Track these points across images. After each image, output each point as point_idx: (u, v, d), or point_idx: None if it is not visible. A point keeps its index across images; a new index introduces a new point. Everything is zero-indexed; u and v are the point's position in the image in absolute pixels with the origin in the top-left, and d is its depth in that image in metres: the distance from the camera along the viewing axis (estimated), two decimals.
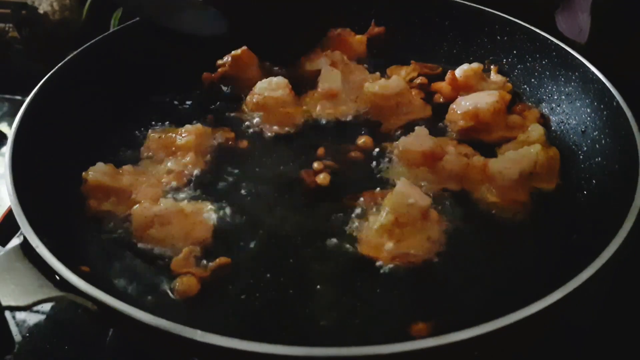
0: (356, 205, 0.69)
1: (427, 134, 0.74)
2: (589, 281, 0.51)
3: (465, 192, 0.71)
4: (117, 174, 0.71)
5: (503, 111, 0.80)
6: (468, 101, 0.80)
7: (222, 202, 0.69)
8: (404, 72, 0.90)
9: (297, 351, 0.46)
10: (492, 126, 0.79)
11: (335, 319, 0.58)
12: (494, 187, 0.70)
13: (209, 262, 0.62)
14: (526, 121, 0.81)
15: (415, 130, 0.75)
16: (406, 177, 0.70)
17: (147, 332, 0.49)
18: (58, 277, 0.52)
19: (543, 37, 0.85)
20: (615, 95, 0.72)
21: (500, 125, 0.79)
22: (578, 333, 0.66)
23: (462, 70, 0.86)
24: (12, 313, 0.66)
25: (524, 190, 0.70)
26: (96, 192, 0.69)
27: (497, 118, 0.79)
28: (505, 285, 0.61)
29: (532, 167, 0.70)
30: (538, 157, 0.70)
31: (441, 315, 0.57)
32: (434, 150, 0.72)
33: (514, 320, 0.47)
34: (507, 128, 0.80)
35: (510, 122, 0.80)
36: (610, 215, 0.61)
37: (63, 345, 0.65)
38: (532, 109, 0.84)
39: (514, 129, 0.79)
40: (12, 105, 1.03)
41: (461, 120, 0.79)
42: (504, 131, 0.79)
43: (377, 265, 0.62)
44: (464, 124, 0.79)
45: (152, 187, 0.71)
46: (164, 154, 0.76)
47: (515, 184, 0.69)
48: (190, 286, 0.60)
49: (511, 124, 0.80)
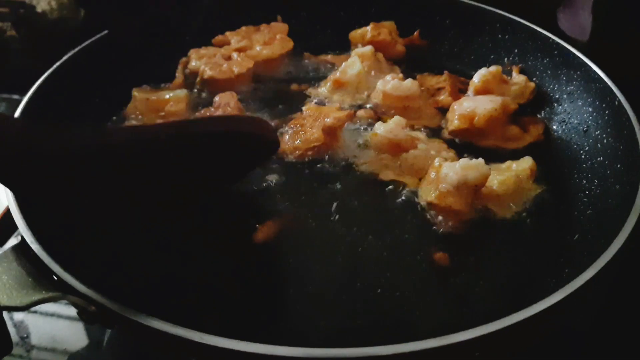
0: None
1: (403, 124, 0.75)
2: (591, 282, 0.51)
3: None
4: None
5: (501, 120, 0.79)
6: (469, 103, 0.80)
7: None
8: (434, 81, 0.89)
9: (296, 352, 0.45)
10: (486, 133, 0.78)
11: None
12: (439, 188, 0.67)
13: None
14: (526, 135, 0.80)
15: (393, 118, 0.76)
16: (372, 160, 0.73)
17: (145, 332, 0.49)
18: (55, 278, 0.52)
19: (544, 35, 0.85)
20: (617, 95, 0.72)
21: (495, 133, 0.79)
22: (578, 333, 0.65)
23: (480, 75, 0.85)
24: (10, 314, 0.66)
25: (464, 201, 0.66)
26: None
27: (493, 126, 0.78)
28: (505, 286, 0.61)
29: (476, 181, 0.66)
30: (484, 175, 0.66)
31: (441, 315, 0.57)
32: (400, 141, 0.73)
33: (515, 321, 0.47)
34: (502, 138, 0.79)
35: (507, 133, 0.79)
36: (612, 216, 0.61)
37: (61, 346, 0.65)
38: (538, 124, 0.82)
39: (509, 141, 0.79)
40: (10, 104, 1.03)
41: (456, 120, 0.79)
42: (499, 141, 0.79)
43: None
44: (457, 125, 0.79)
45: None
46: (154, 117, 0.79)
47: (455, 190, 0.66)
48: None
49: (508, 135, 0.79)
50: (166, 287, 0.60)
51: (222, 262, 0.63)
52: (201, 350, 0.47)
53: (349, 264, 0.63)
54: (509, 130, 0.79)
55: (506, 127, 0.80)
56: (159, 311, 0.49)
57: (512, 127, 0.80)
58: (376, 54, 0.89)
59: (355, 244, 0.64)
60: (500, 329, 0.47)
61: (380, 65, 0.90)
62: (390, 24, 0.96)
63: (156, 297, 0.59)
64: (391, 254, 0.64)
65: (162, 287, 0.60)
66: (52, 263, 0.52)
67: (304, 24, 0.97)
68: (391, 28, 0.95)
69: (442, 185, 0.67)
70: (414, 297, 0.60)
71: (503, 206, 0.69)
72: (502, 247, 0.65)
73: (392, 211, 0.69)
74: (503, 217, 0.68)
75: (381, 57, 0.90)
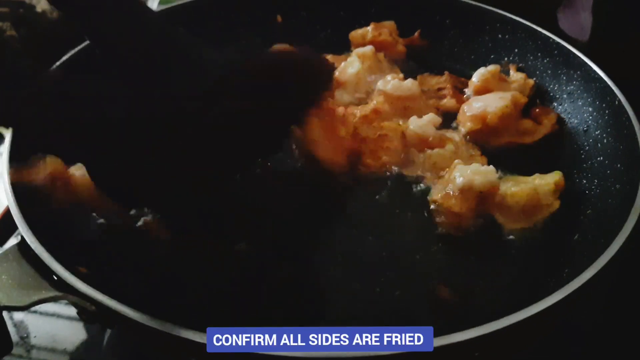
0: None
1: (436, 122, 0.75)
2: (591, 282, 0.51)
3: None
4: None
5: (513, 115, 0.78)
6: (479, 103, 0.79)
7: None
8: (434, 81, 0.88)
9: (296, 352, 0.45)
10: (501, 130, 0.77)
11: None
12: (447, 189, 0.67)
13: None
14: (540, 128, 0.79)
15: (427, 114, 0.76)
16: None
17: (145, 332, 0.49)
18: (56, 278, 0.52)
19: (544, 35, 0.85)
20: (617, 94, 0.72)
21: (510, 129, 0.78)
22: (578, 333, 0.65)
23: (479, 75, 0.84)
24: (10, 313, 0.66)
25: (466, 205, 0.65)
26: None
27: (506, 122, 0.77)
28: (505, 286, 0.61)
29: (481, 187, 0.65)
30: (491, 182, 0.65)
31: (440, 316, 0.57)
32: (428, 138, 0.73)
33: (515, 321, 0.47)
34: (517, 133, 0.78)
35: (521, 127, 0.78)
36: (612, 215, 0.61)
37: (61, 346, 0.65)
38: (550, 114, 0.81)
39: (525, 135, 0.78)
40: None
41: (469, 122, 0.78)
42: (514, 136, 0.78)
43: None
44: (471, 127, 0.78)
45: None
46: None
47: (460, 193, 0.65)
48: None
49: (522, 129, 0.78)
50: (166, 287, 0.60)
51: (222, 262, 0.63)
52: (201, 350, 0.47)
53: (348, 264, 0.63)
54: (522, 125, 0.79)
55: (519, 121, 0.79)
56: (159, 311, 0.49)
57: (526, 121, 0.79)
58: (377, 54, 0.89)
59: (355, 243, 0.65)
60: (500, 328, 0.47)
61: (381, 65, 0.89)
62: (391, 24, 0.95)
63: (156, 297, 0.60)
64: (390, 253, 0.64)
65: (163, 287, 0.60)
66: (52, 262, 0.52)
67: (304, 24, 0.97)
68: (391, 28, 0.95)
69: (450, 186, 0.67)
70: (413, 297, 0.60)
71: (512, 218, 0.66)
72: (501, 247, 0.65)
73: (394, 209, 0.69)
74: (509, 229, 0.66)
75: (382, 57, 0.90)
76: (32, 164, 0.63)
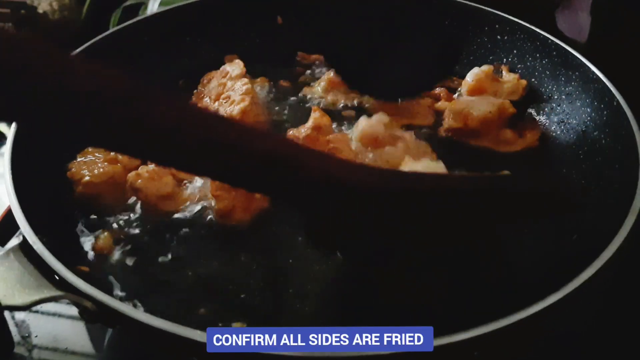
0: None
1: (385, 120, 0.75)
2: (589, 282, 0.51)
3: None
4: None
5: (495, 123, 0.79)
6: (466, 103, 0.80)
7: None
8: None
9: (296, 352, 0.46)
10: (480, 133, 0.79)
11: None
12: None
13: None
14: (520, 140, 0.79)
15: (377, 113, 0.76)
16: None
17: (146, 332, 0.49)
18: (57, 277, 0.52)
19: (543, 36, 0.85)
20: (616, 95, 0.72)
21: (489, 135, 0.79)
22: (577, 334, 0.66)
23: (473, 75, 0.85)
24: (11, 313, 0.66)
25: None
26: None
27: (486, 127, 0.78)
28: (504, 286, 0.61)
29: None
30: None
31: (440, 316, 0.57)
32: (379, 136, 0.74)
33: (514, 320, 0.47)
34: (496, 141, 0.79)
35: (501, 136, 0.79)
36: (610, 216, 0.61)
37: (63, 345, 0.65)
38: (535, 131, 0.81)
39: (502, 144, 0.79)
40: None
41: (450, 119, 0.80)
42: (492, 143, 0.79)
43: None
44: (452, 124, 0.79)
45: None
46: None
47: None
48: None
49: (501, 138, 0.79)
50: (167, 287, 0.61)
51: (223, 262, 0.63)
52: (201, 350, 0.47)
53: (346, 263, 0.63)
54: (503, 134, 0.80)
55: (501, 130, 0.80)
56: (161, 311, 0.50)
57: (507, 131, 0.80)
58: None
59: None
60: (500, 328, 0.47)
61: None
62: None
63: (157, 296, 0.60)
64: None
65: (163, 287, 0.61)
66: (53, 262, 0.52)
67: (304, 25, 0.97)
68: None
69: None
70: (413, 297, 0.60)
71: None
72: (500, 246, 0.65)
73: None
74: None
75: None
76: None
